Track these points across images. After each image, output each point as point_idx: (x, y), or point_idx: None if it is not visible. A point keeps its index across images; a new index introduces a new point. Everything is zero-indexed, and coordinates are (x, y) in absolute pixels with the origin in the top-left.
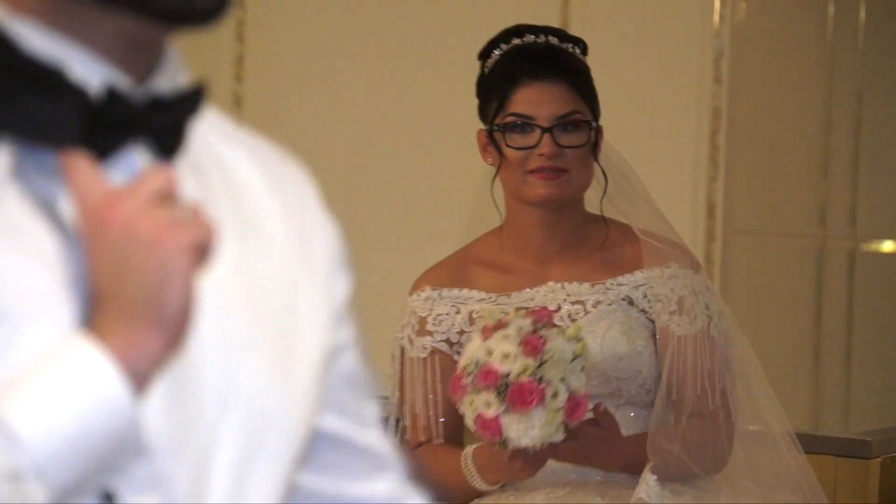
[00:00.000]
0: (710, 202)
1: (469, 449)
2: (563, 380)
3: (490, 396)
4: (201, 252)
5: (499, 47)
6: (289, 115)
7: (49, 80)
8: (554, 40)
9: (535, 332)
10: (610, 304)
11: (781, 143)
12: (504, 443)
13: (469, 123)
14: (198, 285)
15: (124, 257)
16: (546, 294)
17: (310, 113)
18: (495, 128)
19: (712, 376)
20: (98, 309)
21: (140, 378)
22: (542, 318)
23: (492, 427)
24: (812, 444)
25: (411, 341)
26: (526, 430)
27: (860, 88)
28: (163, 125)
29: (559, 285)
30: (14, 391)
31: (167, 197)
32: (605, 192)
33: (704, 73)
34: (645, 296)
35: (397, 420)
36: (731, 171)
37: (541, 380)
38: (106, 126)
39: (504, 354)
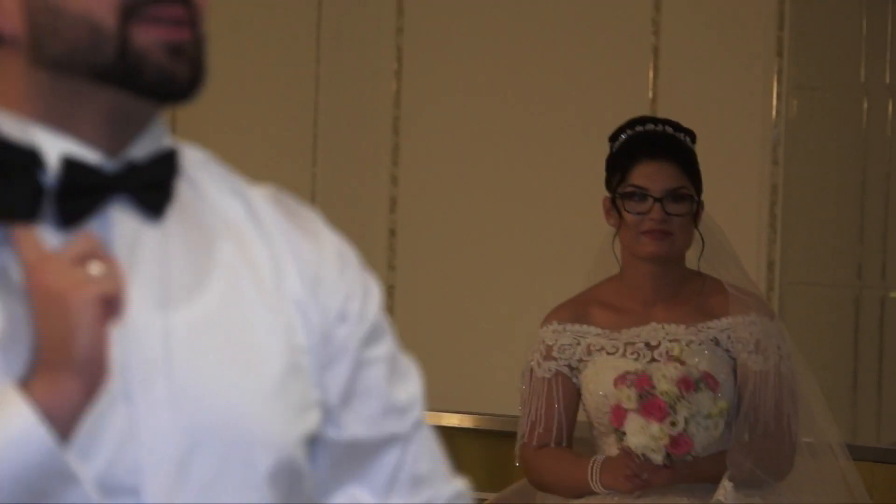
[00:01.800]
0: (770, 259)
1: (599, 457)
2: (686, 420)
3: (632, 394)
4: (110, 304)
5: (625, 132)
6: (444, 176)
7: (8, 162)
8: (669, 129)
9: (691, 379)
10: (700, 344)
11: (826, 212)
12: (620, 434)
13: (596, 192)
14: (108, 333)
15: (43, 312)
16: (649, 332)
17: (465, 177)
18: (617, 196)
19: (780, 404)
20: (33, 361)
21: (62, 417)
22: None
23: (620, 416)
24: (852, 453)
25: (539, 364)
26: (638, 432)
27: (889, 169)
28: (138, 186)
29: (660, 326)
30: None
31: (88, 257)
32: (702, 252)
33: (765, 156)
34: (729, 338)
35: (532, 423)
36: (786, 235)
37: (672, 408)
38: (72, 194)
39: (663, 375)
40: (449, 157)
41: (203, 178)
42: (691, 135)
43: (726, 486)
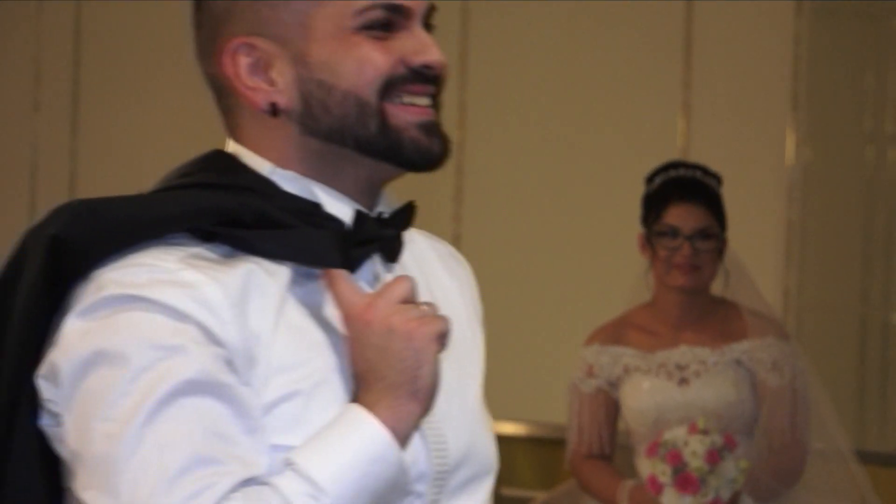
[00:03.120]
0: (785, 286)
1: (628, 484)
2: (716, 489)
3: (667, 469)
4: (443, 339)
5: (660, 175)
6: (504, 216)
7: (312, 215)
8: (699, 174)
9: (715, 449)
10: (725, 364)
11: (835, 245)
12: (657, 501)
13: (634, 226)
14: (440, 364)
15: (386, 347)
16: (679, 355)
17: (522, 217)
18: (651, 232)
19: (795, 416)
20: (364, 386)
21: (403, 436)
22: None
23: (656, 489)
24: (859, 457)
25: (582, 381)
26: (676, 500)
27: (891, 207)
28: (389, 237)
29: (689, 348)
30: (313, 453)
31: (409, 298)
32: (726, 283)
33: (782, 196)
34: (750, 358)
35: (579, 434)
36: (800, 265)
37: (703, 481)
38: (355, 244)
39: (693, 452)
40: (508, 200)
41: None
42: (718, 178)
43: (745, 500)
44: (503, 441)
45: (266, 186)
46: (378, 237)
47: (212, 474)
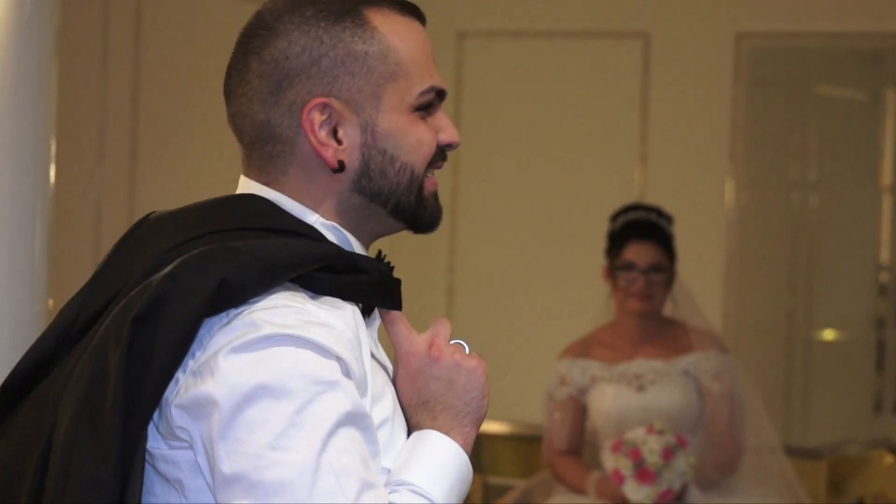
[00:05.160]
0: (725, 309)
1: (594, 476)
2: (670, 480)
3: (628, 464)
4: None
5: (622, 216)
6: (494, 254)
7: (365, 264)
8: (654, 216)
9: (669, 447)
10: (675, 374)
11: (766, 275)
12: (620, 490)
13: (598, 258)
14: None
15: (454, 380)
16: (637, 366)
17: (507, 256)
18: (613, 266)
19: (733, 417)
20: (429, 415)
21: (469, 458)
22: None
23: (619, 480)
24: (786, 451)
25: (556, 389)
26: (636, 490)
27: (811, 244)
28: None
29: (645, 360)
30: (419, 473)
31: (449, 337)
32: (675, 306)
33: (721, 234)
34: (695, 369)
35: (553, 433)
36: (738, 292)
37: (659, 474)
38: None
39: (650, 449)
40: (495, 237)
41: None
42: (669, 219)
43: (692, 489)
44: (490, 438)
45: (314, 234)
46: (398, 283)
47: (375, 496)
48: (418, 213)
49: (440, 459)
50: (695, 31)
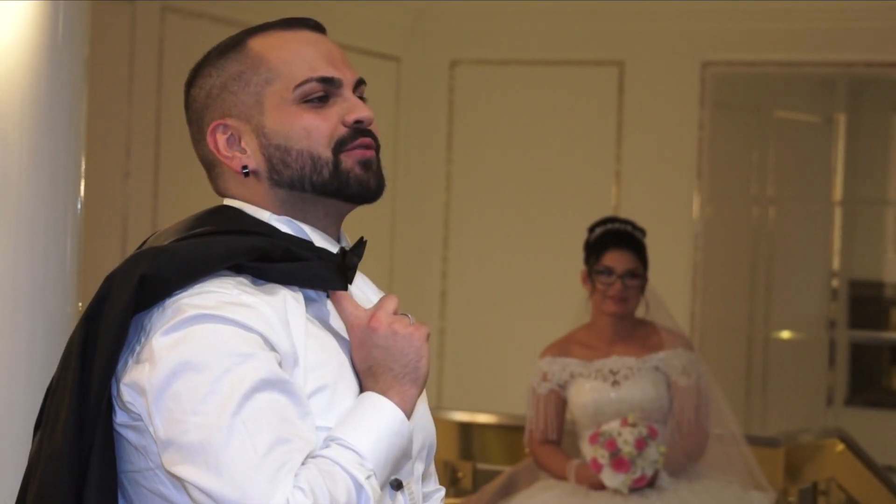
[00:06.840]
0: (692, 311)
1: (574, 463)
2: (643, 468)
3: (605, 454)
4: (427, 339)
5: (600, 227)
6: (486, 263)
7: (313, 250)
8: (629, 228)
9: (642, 438)
10: (646, 370)
11: (728, 280)
12: (597, 477)
13: (577, 265)
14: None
15: (391, 346)
16: (612, 363)
17: (499, 263)
18: (592, 271)
19: (699, 408)
20: (373, 378)
21: (408, 413)
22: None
23: (597, 468)
24: (747, 439)
25: (538, 384)
26: (612, 477)
27: (770, 252)
28: (353, 266)
29: (619, 358)
30: (352, 430)
31: (396, 311)
32: (647, 308)
33: (689, 244)
34: (665, 365)
35: (535, 424)
36: (703, 296)
37: (633, 462)
38: (349, 269)
39: (625, 440)
40: (484, 247)
41: None
42: (643, 231)
43: (663, 475)
44: (479, 427)
45: (270, 230)
46: (353, 266)
47: (288, 451)
48: (340, 187)
49: (372, 416)
50: (665, 59)
